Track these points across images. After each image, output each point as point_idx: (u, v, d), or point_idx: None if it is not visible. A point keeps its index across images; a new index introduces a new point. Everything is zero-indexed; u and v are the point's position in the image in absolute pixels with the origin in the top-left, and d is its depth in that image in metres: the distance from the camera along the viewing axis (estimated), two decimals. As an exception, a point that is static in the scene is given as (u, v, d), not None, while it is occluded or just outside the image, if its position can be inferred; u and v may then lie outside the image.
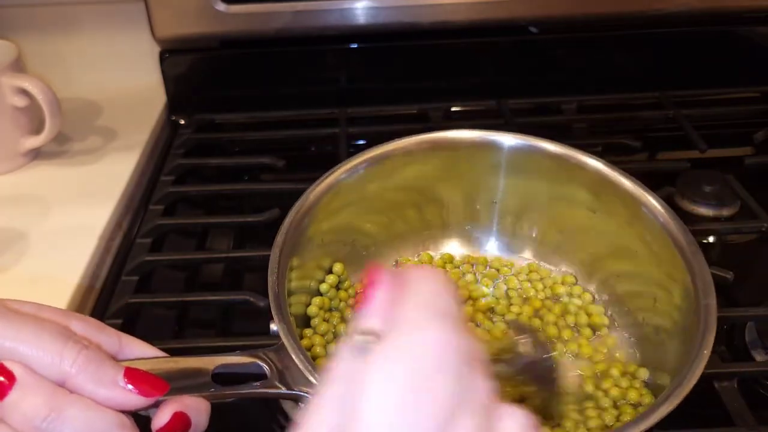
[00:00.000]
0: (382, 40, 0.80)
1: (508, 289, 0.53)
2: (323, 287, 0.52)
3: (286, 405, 0.50)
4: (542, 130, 0.80)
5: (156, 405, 0.29)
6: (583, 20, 0.79)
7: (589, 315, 0.51)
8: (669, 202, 0.66)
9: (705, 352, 0.38)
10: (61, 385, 0.27)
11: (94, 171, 0.71)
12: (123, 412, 0.28)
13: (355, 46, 0.81)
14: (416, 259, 0.56)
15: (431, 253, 0.56)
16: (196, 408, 0.29)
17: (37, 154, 0.73)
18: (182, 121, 0.82)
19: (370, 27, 0.77)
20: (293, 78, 0.82)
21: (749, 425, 0.46)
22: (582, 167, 0.51)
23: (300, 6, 0.75)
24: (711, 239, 0.65)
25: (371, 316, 0.24)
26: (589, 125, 0.79)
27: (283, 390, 0.32)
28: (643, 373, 0.47)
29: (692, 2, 0.78)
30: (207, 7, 0.75)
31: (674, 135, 0.77)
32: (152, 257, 0.61)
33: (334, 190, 0.49)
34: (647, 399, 0.45)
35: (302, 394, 0.32)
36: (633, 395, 0.45)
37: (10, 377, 0.26)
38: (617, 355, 0.49)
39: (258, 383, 0.32)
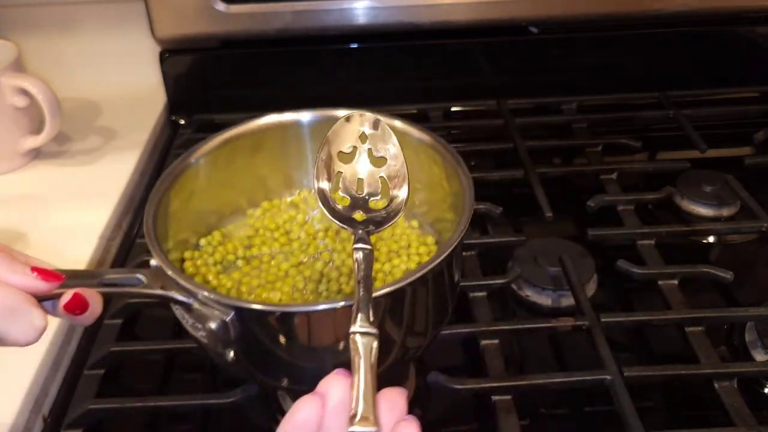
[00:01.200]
0: (382, 40, 0.80)
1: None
2: (202, 242, 0.52)
3: (286, 405, 0.50)
4: (542, 130, 0.81)
5: (57, 297, 0.37)
6: (583, 20, 0.79)
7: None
8: (669, 201, 0.67)
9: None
10: None
11: (94, 171, 0.71)
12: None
13: (355, 46, 0.81)
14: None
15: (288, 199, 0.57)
16: (91, 295, 0.37)
17: (37, 154, 0.73)
18: (182, 121, 0.82)
19: (370, 27, 0.77)
20: (293, 78, 0.82)
21: (749, 425, 0.46)
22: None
23: (300, 6, 0.75)
24: (711, 239, 0.65)
25: None
26: (589, 125, 0.79)
27: (159, 291, 0.39)
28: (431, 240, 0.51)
29: (692, 2, 0.78)
30: (207, 7, 0.75)
31: (674, 135, 0.77)
32: (152, 257, 0.61)
33: (186, 173, 0.50)
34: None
35: (172, 295, 0.39)
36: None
37: None
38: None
39: (139, 286, 0.40)
